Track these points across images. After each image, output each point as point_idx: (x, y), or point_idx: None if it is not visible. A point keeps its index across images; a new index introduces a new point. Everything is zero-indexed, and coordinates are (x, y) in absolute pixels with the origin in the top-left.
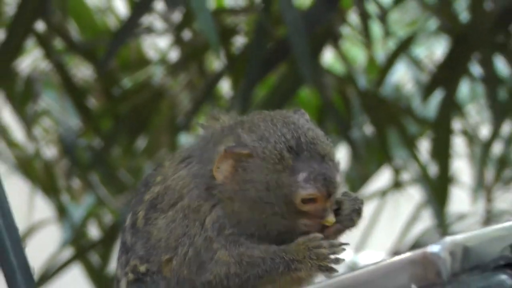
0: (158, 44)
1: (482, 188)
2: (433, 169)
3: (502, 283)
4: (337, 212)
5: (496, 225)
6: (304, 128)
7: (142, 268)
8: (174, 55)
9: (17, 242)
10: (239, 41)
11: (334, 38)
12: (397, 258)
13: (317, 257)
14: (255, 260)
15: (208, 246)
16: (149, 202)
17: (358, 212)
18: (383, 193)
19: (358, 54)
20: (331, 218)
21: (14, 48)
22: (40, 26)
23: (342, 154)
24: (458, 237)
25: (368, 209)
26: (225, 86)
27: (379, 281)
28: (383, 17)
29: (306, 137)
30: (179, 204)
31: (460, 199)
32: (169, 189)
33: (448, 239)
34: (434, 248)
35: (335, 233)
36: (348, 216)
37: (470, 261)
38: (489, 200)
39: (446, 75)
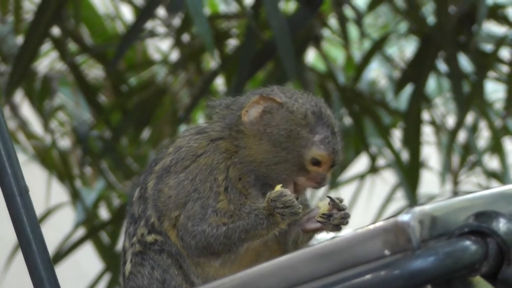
0: (161, 47)
1: (449, 172)
2: (405, 156)
3: (466, 248)
4: (328, 218)
5: (461, 197)
6: (324, 104)
7: (150, 238)
8: (175, 56)
9: (34, 218)
10: (233, 43)
11: (315, 40)
12: (371, 226)
13: (283, 205)
14: (241, 214)
15: (215, 198)
16: (161, 170)
17: (343, 225)
18: (361, 177)
19: (338, 54)
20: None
21: (31, 51)
22: (56, 31)
23: None
24: (427, 207)
25: (348, 192)
26: (220, 83)
27: (356, 247)
28: (359, 20)
29: (326, 110)
30: (193, 165)
31: (430, 182)
32: (183, 152)
33: (417, 209)
34: (404, 217)
35: (314, 230)
36: (335, 227)
37: (437, 229)
38: (455, 183)
39: (415, 71)
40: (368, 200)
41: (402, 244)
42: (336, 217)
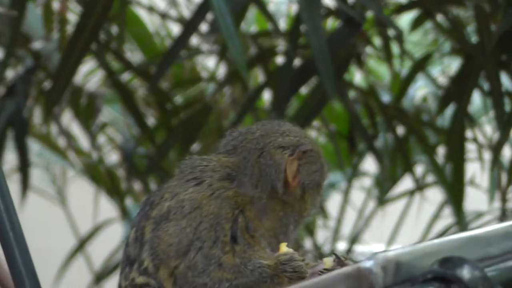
0: (208, 64)
1: (497, 189)
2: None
3: None
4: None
5: (427, 242)
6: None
7: (141, 280)
8: (221, 73)
9: (26, 252)
10: (280, 59)
11: (357, 58)
12: (335, 272)
13: (293, 270)
14: (245, 271)
15: (221, 248)
16: (159, 216)
17: None
18: (411, 193)
19: (385, 71)
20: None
21: (70, 67)
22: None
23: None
24: (391, 253)
25: (397, 208)
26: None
27: None
28: (399, 39)
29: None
30: (195, 212)
31: (480, 199)
32: (184, 201)
33: (381, 255)
34: (367, 263)
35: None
36: None
37: (401, 275)
38: (504, 200)
39: (458, 90)
40: (417, 217)
41: None
42: None
